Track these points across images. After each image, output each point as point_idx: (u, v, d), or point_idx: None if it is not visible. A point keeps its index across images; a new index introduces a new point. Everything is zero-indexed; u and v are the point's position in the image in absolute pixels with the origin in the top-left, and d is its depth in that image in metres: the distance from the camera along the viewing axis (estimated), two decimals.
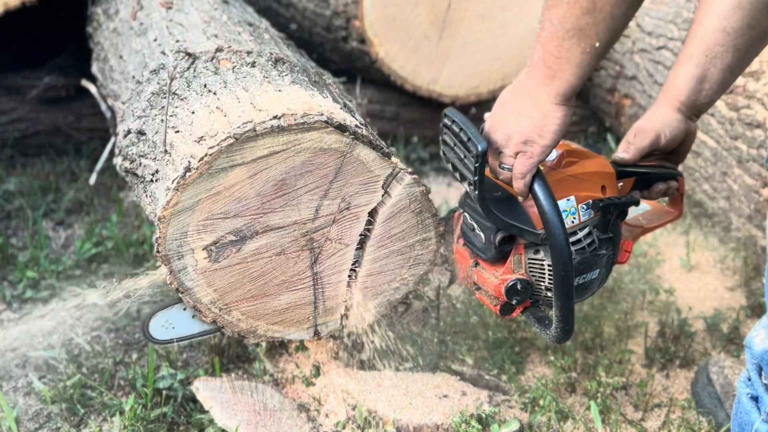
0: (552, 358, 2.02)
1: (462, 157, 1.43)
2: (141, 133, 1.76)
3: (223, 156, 1.51)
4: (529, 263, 1.55)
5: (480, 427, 1.76)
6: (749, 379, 1.43)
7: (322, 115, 1.57)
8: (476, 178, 1.40)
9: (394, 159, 1.68)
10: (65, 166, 3.03)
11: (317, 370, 1.92)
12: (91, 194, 2.85)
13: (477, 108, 2.87)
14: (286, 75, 1.79)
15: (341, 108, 1.75)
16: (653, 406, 1.92)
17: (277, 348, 2.04)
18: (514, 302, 1.57)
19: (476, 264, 1.63)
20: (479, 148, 1.36)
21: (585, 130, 3.17)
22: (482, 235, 1.56)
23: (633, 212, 1.78)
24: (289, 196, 1.60)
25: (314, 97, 1.70)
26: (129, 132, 1.79)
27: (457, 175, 1.49)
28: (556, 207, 1.42)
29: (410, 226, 1.73)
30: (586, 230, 1.52)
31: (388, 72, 2.72)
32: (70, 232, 2.69)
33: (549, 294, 1.56)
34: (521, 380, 1.98)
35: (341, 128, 1.56)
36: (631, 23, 2.49)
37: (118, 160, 1.86)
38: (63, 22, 3.21)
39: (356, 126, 1.63)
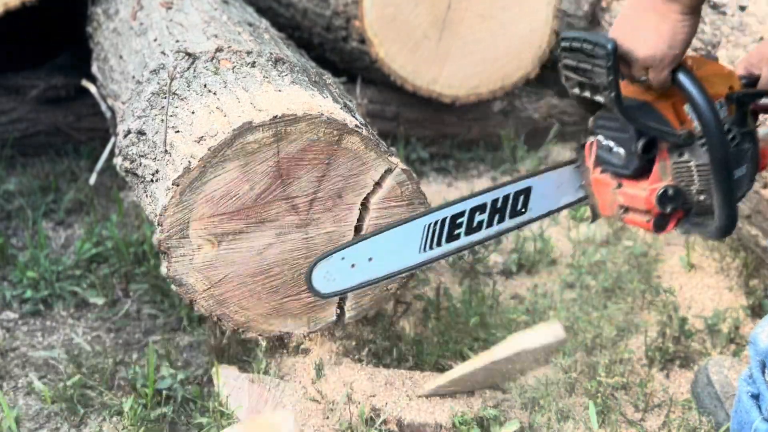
0: (552, 358, 2.02)
1: (590, 68, 1.41)
2: (141, 133, 1.76)
3: (219, 154, 1.53)
4: (675, 168, 1.48)
5: (480, 428, 1.77)
6: (751, 377, 1.42)
7: (321, 115, 1.58)
8: (611, 77, 1.37)
9: (393, 159, 1.69)
10: (65, 166, 3.03)
11: (319, 369, 1.92)
12: (91, 194, 2.84)
13: (477, 106, 2.88)
14: (286, 75, 1.80)
15: (341, 108, 1.75)
16: (653, 406, 1.92)
17: (277, 348, 2.04)
18: (668, 210, 1.48)
19: (619, 185, 1.54)
20: (608, 47, 1.34)
21: (585, 131, 3.16)
22: (622, 151, 1.50)
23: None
24: (284, 189, 1.62)
25: (314, 97, 1.71)
26: (129, 132, 1.79)
27: (587, 93, 1.47)
28: (703, 89, 1.40)
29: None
30: (725, 126, 1.46)
31: (389, 72, 2.72)
32: (70, 232, 2.69)
33: (701, 197, 1.48)
34: (521, 380, 1.98)
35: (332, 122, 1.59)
36: None
37: (118, 160, 1.86)
38: (63, 22, 3.21)
39: (356, 126, 1.63)
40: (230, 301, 1.69)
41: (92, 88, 2.52)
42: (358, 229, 1.73)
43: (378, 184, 1.70)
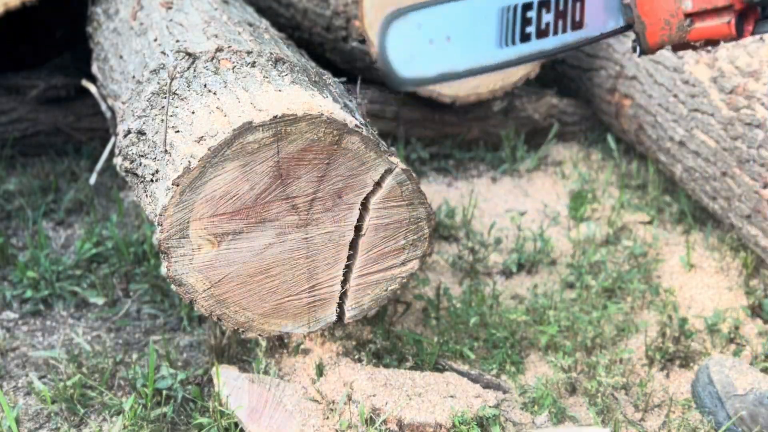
0: (552, 358, 2.02)
1: None
2: (141, 133, 1.76)
3: (219, 154, 1.53)
4: None
5: (480, 428, 1.77)
6: None
7: (321, 115, 1.58)
8: None
9: (393, 159, 1.69)
10: (65, 166, 3.03)
11: (320, 369, 1.92)
12: (91, 194, 2.84)
13: (477, 106, 2.88)
14: (286, 75, 1.80)
15: (341, 108, 1.75)
16: (653, 406, 1.92)
17: (278, 348, 2.04)
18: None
19: None
20: None
21: (585, 131, 3.17)
22: None
23: None
24: (284, 189, 1.62)
25: (314, 97, 1.70)
26: (129, 132, 1.79)
27: None
28: None
29: (402, 219, 1.75)
30: None
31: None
32: (70, 232, 2.69)
33: None
34: (521, 380, 1.98)
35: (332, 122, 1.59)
36: None
37: (118, 160, 1.86)
38: (63, 22, 3.21)
39: (356, 126, 1.63)
40: (230, 300, 1.69)
41: (92, 88, 2.52)
42: (358, 228, 1.73)
43: (378, 184, 1.70)
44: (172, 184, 1.53)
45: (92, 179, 2.73)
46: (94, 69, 2.59)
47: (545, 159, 2.90)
